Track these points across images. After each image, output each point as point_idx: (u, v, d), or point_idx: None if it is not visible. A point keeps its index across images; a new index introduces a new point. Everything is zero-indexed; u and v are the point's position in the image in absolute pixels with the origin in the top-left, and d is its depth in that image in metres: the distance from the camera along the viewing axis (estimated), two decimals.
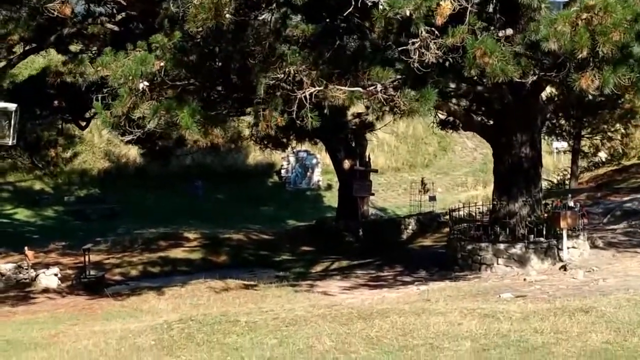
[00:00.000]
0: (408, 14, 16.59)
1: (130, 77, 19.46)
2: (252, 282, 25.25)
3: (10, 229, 40.68)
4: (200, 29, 17.83)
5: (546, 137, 39.27)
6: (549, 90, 30.00)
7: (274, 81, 19.31)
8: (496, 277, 22.41)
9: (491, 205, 25.27)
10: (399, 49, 18.08)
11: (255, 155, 53.25)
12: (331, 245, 34.09)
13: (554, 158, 52.12)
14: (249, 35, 19.66)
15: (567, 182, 41.39)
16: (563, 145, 45.00)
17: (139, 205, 46.33)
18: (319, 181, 51.72)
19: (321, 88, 19.02)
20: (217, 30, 18.90)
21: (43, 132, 29.82)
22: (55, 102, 30.52)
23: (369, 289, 23.44)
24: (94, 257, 32.95)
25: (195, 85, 20.40)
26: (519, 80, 18.49)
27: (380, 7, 16.77)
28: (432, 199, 37.81)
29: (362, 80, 19.35)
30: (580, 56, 16.45)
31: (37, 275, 28.47)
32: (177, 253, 33.50)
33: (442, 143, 55.66)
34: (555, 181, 45.18)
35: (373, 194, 37.84)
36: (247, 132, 34.20)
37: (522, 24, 19.06)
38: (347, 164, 36.27)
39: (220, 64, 20.26)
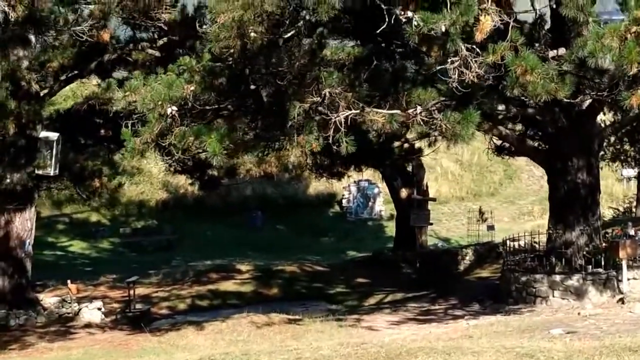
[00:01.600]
0: (444, 29, 15.44)
1: (160, 102, 18.68)
2: (296, 317, 24.14)
3: (63, 261, 40.08)
4: (226, 49, 16.88)
5: (610, 164, 37.66)
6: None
7: (308, 104, 18.26)
8: (550, 311, 21.13)
9: (547, 235, 23.90)
10: (438, 68, 16.93)
11: (317, 186, 52.17)
12: (387, 276, 32.87)
13: (624, 186, 50.31)
14: (282, 56, 18.64)
15: (634, 210, 39.69)
16: (633, 172, 43.24)
17: (196, 236, 45.45)
18: (381, 211, 50.48)
19: (357, 111, 17.96)
20: (247, 52, 17.98)
21: (87, 162, 28.90)
22: (102, 131, 29.77)
23: (417, 324, 22.30)
24: (144, 290, 32.24)
25: (226, 109, 19.42)
26: (567, 100, 17.25)
27: (414, 22, 15.62)
28: (491, 228, 36.42)
29: (402, 102, 18.26)
30: (629, 72, 15.16)
31: (80, 310, 27.70)
32: (228, 286, 32.50)
33: (508, 171, 54.14)
34: (621, 209, 43.44)
35: (431, 224, 36.55)
36: (302, 160, 32.98)
37: (570, 41, 17.76)
38: (404, 192, 35.13)
39: (251, 87, 19.23)
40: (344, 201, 51.85)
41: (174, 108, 18.61)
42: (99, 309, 27.87)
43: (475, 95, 17.90)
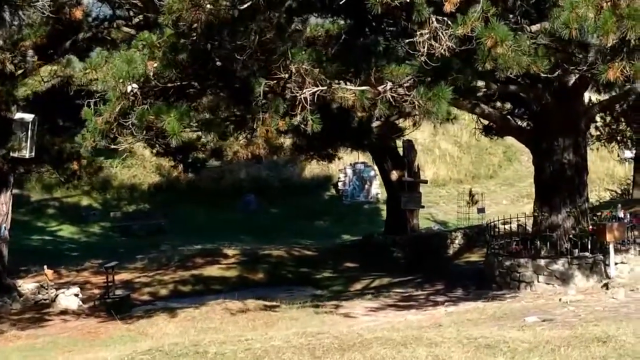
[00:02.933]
0: None
1: (120, 80, 17.73)
2: (273, 303, 23.36)
3: (50, 246, 39.29)
4: (182, 22, 15.97)
5: (606, 145, 36.64)
6: None
7: (275, 81, 17.35)
8: (532, 297, 20.31)
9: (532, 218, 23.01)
10: (406, 41, 16.00)
11: (312, 169, 51.33)
12: (376, 261, 31.99)
13: (625, 168, 49.24)
14: (249, 30, 17.70)
15: (631, 191, 38.66)
16: (630, 154, 42.12)
17: (188, 220, 44.61)
18: (377, 194, 49.47)
19: (325, 87, 17.03)
20: (210, 26, 17.06)
21: (65, 144, 28.07)
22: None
23: (395, 310, 21.50)
24: (127, 276, 31.57)
25: (190, 87, 18.50)
26: (545, 74, 16.29)
27: None
28: (481, 210, 35.44)
29: (373, 79, 17.34)
30: (605, 44, 14.20)
31: (56, 296, 26.91)
32: (212, 271, 31.69)
33: (508, 153, 53.13)
34: (619, 191, 42.41)
35: (423, 207, 35.57)
36: (288, 142, 32.11)
37: (547, 12, 16.79)
38: (394, 175, 34.18)
39: (214, 63, 18.30)
40: (339, 184, 50.95)
41: (135, 86, 17.72)
42: (76, 295, 27.12)
43: (448, 71, 16.92)
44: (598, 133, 35.84)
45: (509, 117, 24.32)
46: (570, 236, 21.98)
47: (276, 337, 13.71)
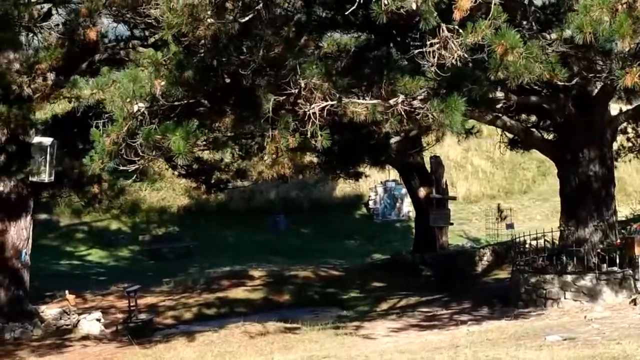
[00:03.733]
0: (414, 7, 13.94)
1: (128, 99, 17.28)
2: (294, 325, 22.73)
3: (78, 271, 38.94)
4: (184, 37, 15.51)
5: (638, 156, 35.74)
6: None
7: (284, 97, 16.83)
8: (559, 314, 19.61)
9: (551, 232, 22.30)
10: (416, 51, 15.43)
11: (343, 187, 50.80)
12: (404, 280, 31.43)
13: None
14: (257, 45, 17.24)
15: None
16: None
17: (218, 242, 44.29)
18: (409, 212, 48.69)
19: (334, 102, 16.49)
20: (216, 41, 16.63)
21: (85, 168, 27.64)
22: None
23: (417, 331, 20.82)
24: (152, 300, 31.14)
25: (199, 105, 18.02)
26: (562, 83, 15.71)
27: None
28: (510, 226, 34.75)
29: (385, 92, 16.78)
30: (622, 48, 13.56)
31: (78, 321, 26.49)
32: (237, 293, 31.17)
33: (542, 168, 52.16)
34: None
35: (452, 224, 34.98)
36: (315, 160, 31.55)
37: (561, 17, 16.18)
38: (422, 192, 33.62)
39: (223, 80, 17.82)
40: (370, 203, 50.35)
41: (142, 105, 17.26)
42: (98, 320, 26.70)
43: (462, 81, 16.34)
44: (630, 144, 34.94)
45: (532, 129, 23.59)
46: (598, 251, 21.23)
47: None
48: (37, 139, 25.48)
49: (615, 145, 33.75)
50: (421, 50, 15.19)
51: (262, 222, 47.69)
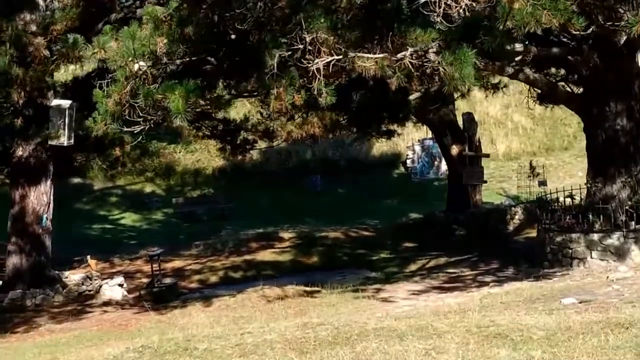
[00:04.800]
0: None
1: (130, 59, 16.69)
2: (314, 288, 22.19)
3: (110, 235, 38.59)
4: None
5: None
6: None
7: (289, 53, 16.11)
8: (583, 274, 18.82)
9: (586, 189, 21.44)
10: (421, 0, 14.65)
11: (380, 146, 50.01)
12: (436, 240, 30.72)
13: None
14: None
15: None
16: None
17: (253, 204, 43.66)
18: (447, 170, 47.88)
19: (340, 57, 15.75)
20: None
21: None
22: None
23: (438, 293, 20.19)
24: (179, 263, 30.85)
25: (203, 63, 17.37)
26: (577, 31, 14.78)
27: None
28: (542, 183, 33.74)
29: (396, 45, 16.02)
30: None
31: (100, 287, 26.11)
32: (265, 255, 30.68)
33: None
34: None
35: (485, 182, 34.13)
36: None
37: None
38: (454, 149, 32.84)
39: (227, 36, 17.13)
40: (408, 161, 49.50)
41: (142, 64, 16.71)
42: (121, 285, 26.31)
43: (474, 32, 15.53)
44: None
45: (556, 83, 22.67)
46: (627, 208, 20.36)
47: (276, 329, 12.57)
48: (55, 102, 25.02)
49: None
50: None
51: (299, 183, 47.06)
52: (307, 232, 33.48)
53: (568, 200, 23.40)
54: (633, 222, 20.02)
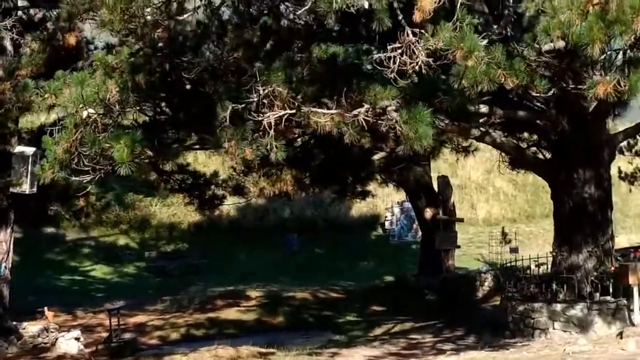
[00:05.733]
0: (366, 5, 12.68)
1: (81, 106, 16.15)
2: (269, 350, 21.57)
3: (78, 287, 37.84)
4: (124, 36, 14.34)
5: None
6: None
7: (242, 105, 15.57)
8: (542, 346, 18.19)
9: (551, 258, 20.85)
10: (375, 56, 14.16)
11: (360, 207, 49.37)
12: (406, 304, 30.01)
13: None
14: (218, 49, 16.08)
15: None
16: None
17: (228, 260, 43.04)
18: None
19: (293, 111, 15.23)
20: (174, 44, 15.47)
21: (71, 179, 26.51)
22: None
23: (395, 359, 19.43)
24: (143, 318, 30.08)
25: (159, 112, 16.84)
26: (537, 93, 14.29)
27: None
28: (514, 250, 33.07)
29: (355, 102, 15.53)
30: (591, 54, 12.19)
31: (56, 340, 25.31)
32: (230, 314, 29.96)
33: None
34: None
35: (459, 247, 33.45)
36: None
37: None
38: (428, 212, 32.21)
39: (181, 86, 16.62)
40: (386, 223, 48.92)
41: (91, 111, 16.11)
42: (77, 338, 25.44)
43: (433, 91, 15.06)
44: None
45: (523, 147, 22.15)
46: (592, 278, 19.74)
47: None
48: (19, 149, 24.47)
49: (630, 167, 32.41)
50: (381, 55, 13.91)
51: (275, 241, 46.38)
52: (274, 291, 32.72)
53: (536, 268, 22.78)
54: (598, 294, 19.39)
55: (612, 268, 19.61)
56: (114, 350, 24.53)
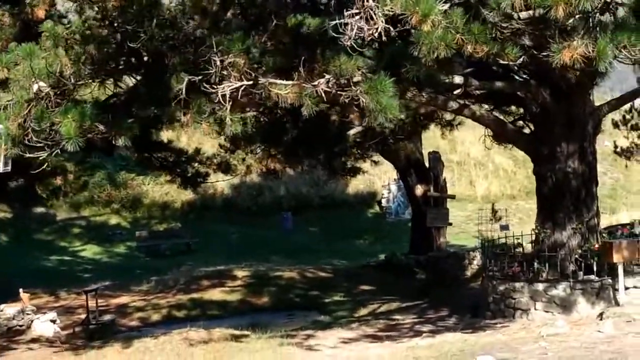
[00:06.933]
0: None
1: (33, 79, 15.35)
2: (243, 332, 20.81)
3: (66, 267, 37.13)
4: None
5: None
6: None
7: (199, 77, 14.73)
8: (520, 327, 17.31)
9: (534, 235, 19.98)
10: (332, 23, 13.29)
11: (356, 185, 48.64)
12: (395, 283, 29.28)
13: None
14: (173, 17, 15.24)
15: None
16: None
17: (221, 239, 42.35)
18: None
19: (250, 82, 14.41)
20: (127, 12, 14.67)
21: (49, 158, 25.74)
22: None
23: (369, 342, 18.80)
24: (125, 299, 29.38)
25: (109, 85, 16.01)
26: (504, 61, 13.42)
27: None
28: (504, 227, 32.18)
29: (319, 73, 14.71)
30: (556, 16, 11.32)
31: (32, 322, 24.60)
32: (214, 294, 29.19)
33: None
34: None
35: (450, 224, 32.61)
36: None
37: None
38: (419, 189, 31.41)
39: (137, 58, 15.79)
40: (383, 201, 48.13)
41: (42, 84, 15.30)
42: (53, 321, 24.75)
43: (400, 60, 14.22)
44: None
45: (504, 121, 21.27)
46: (576, 257, 18.89)
47: None
48: None
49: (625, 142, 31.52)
50: (338, 22, 13.04)
51: (269, 220, 45.69)
52: (262, 271, 31.95)
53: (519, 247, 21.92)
54: (581, 273, 18.55)
55: (596, 246, 18.73)
56: (91, 332, 23.78)
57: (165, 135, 33.42)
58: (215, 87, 14.38)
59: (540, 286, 18.62)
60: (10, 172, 23.67)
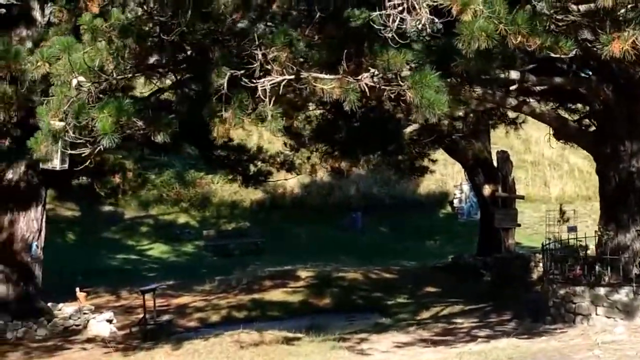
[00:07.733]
0: None
1: (74, 73, 15.02)
2: (296, 335, 20.43)
3: (130, 266, 37.02)
4: None
5: None
6: None
7: (242, 72, 14.25)
8: (578, 334, 16.59)
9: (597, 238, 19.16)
10: (373, 14, 12.72)
11: (428, 185, 47.93)
12: (461, 285, 28.62)
13: None
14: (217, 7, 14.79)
15: None
16: None
17: (290, 239, 41.94)
18: None
19: (291, 77, 13.90)
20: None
21: (107, 156, 25.54)
22: None
23: (423, 347, 18.13)
24: (187, 299, 29.13)
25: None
26: (564, 56, 12.70)
27: None
28: (572, 229, 31.13)
29: (366, 67, 14.18)
30: (604, 6, 10.61)
31: (88, 321, 24.46)
32: (275, 295, 28.84)
33: None
34: None
35: (519, 225, 31.77)
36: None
37: None
38: (487, 189, 30.69)
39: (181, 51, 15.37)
40: (455, 201, 47.32)
41: (82, 79, 14.94)
42: (109, 320, 24.63)
43: (447, 54, 13.58)
44: None
45: (566, 118, 20.44)
46: None
47: None
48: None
49: None
50: (378, 13, 12.49)
51: (339, 219, 45.16)
52: (326, 271, 31.45)
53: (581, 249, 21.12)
54: None
55: None
56: (147, 332, 23.52)
57: (235, 133, 33.08)
58: (255, 81, 13.89)
59: (601, 290, 17.80)
60: (73, 170, 23.49)
